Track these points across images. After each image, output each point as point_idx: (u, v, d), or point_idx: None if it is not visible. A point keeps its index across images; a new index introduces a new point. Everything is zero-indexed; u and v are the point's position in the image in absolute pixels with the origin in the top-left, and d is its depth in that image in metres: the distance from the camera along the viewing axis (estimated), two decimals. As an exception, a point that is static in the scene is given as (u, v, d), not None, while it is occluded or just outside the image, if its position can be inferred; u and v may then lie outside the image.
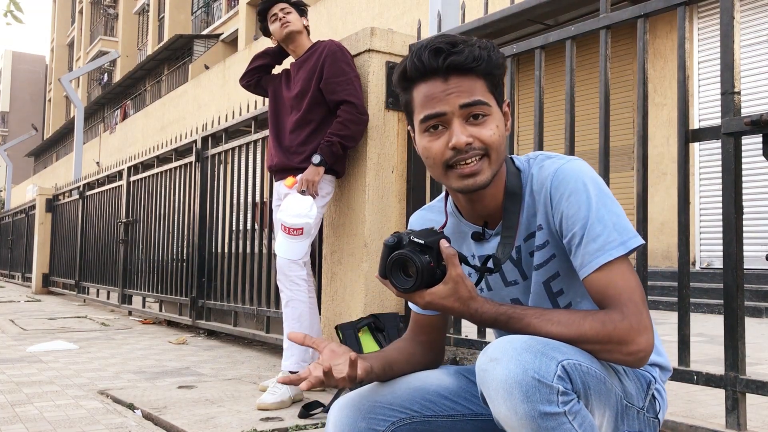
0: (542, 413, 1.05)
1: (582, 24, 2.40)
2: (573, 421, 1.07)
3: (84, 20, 41.80)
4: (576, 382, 1.10)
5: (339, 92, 2.88)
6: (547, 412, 1.05)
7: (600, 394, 1.15)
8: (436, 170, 1.26)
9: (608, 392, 1.18)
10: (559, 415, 1.06)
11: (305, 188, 2.81)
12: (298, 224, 2.77)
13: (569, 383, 1.08)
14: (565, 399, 1.07)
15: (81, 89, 40.35)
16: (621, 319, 1.14)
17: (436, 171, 1.26)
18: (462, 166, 1.22)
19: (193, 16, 29.18)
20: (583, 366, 1.12)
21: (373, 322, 2.71)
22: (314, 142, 2.91)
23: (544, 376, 1.05)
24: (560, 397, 1.06)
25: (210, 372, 3.55)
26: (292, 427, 2.39)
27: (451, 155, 1.22)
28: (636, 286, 1.18)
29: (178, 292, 5.49)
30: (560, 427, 1.06)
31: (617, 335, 1.14)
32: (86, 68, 15.73)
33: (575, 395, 1.09)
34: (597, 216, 1.19)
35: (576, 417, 1.08)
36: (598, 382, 1.14)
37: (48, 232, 10.48)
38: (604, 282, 1.18)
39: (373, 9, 13.28)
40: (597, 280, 1.18)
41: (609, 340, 1.14)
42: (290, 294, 2.89)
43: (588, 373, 1.13)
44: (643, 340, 1.14)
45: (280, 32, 3.03)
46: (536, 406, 1.04)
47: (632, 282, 1.18)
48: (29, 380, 3.32)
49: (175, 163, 5.70)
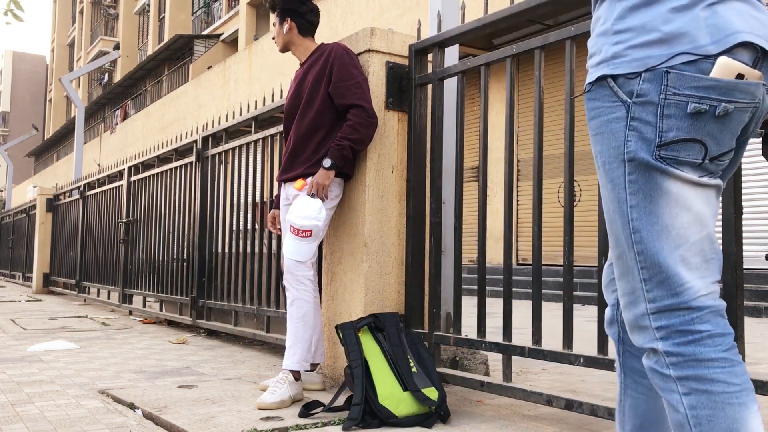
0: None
1: (582, 24, 2.40)
2: (685, 396, 1.13)
3: (84, 20, 41.81)
4: (668, 300, 1.16)
5: (348, 96, 2.88)
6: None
7: (645, 241, 1.17)
8: None
9: (639, 223, 1.17)
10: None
11: (315, 191, 2.82)
12: (306, 226, 2.79)
13: (667, 316, 1.16)
14: (671, 360, 1.15)
15: (81, 89, 40.37)
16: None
17: None
18: None
19: (194, 16, 29.19)
20: (645, 277, 1.17)
21: (373, 321, 2.71)
22: (325, 147, 2.92)
23: (651, 339, 1.19)
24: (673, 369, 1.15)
25: (210, 371, 3.56)
26: (293, 426, 2.40)
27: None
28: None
29: (178, 292, 5.50)
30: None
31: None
32: (87, 68, 15.72)
33: (685, 341, 1.14)
34: None
35: (690, 394, 1.13)
36: (642, 252, 1.17)
37: (48, 232, 10.49)
38: None
39: (373, 9, 13.28)
40: None
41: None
42: (296, 293, 2.90)
43: (647, 265, 1.17)
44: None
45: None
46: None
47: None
48: (30, 380, 3.32)
49: (175, 163, 5.70)
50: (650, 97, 1.14)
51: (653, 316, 1.17)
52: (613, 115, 1.18)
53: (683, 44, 1.13)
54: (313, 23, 3.11)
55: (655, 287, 1.16)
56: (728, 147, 1.17)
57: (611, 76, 1.18)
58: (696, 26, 1.13)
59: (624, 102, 1.17)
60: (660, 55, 1.14)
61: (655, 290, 1.16)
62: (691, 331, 1.13)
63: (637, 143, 1.16)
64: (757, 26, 1.16)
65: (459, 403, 2.77)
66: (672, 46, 1.14)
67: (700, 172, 1.16)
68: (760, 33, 1.16)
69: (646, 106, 1.15)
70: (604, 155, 1.21)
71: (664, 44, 1.14)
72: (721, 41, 1.12)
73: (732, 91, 1.12)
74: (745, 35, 1.13)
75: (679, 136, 1.14)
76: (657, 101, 1.14)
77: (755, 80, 1.13)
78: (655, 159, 1.15)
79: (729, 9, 1.15)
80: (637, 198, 1.17)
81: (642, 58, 1.15)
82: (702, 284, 1.16)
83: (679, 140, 1.14)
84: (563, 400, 2.32)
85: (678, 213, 1.15)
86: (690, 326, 1.14)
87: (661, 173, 1.15)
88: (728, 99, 1.12)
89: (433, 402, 2.46)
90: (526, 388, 2.49)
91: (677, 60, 1.13)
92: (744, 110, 1.15)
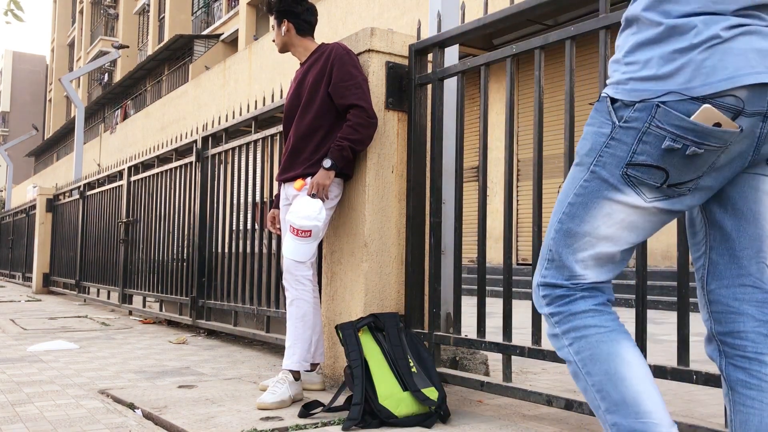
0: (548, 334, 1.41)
1: (582, 24, 2.40)
2: (570, 346, 1.36)
3: (84, 20, 41.82)
4: (552, 284, 1.38)
5: (348, 96, 2.88)
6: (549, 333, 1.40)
7: (571, 236, 1.35)
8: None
9: (572, 214, 1.35)
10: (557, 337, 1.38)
11: (315, 192, 2.82)
12: (306, 226, 2.79)
13: (552, 290, 1.38)
14: (561, 326, 1.37)
15: (81, 89, 40.37)
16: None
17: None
18: None
19: (194, 16, 29.20)
20: (549, 256, 1.38)
21: (373, 321, 2.71)
22: (325, 147, 2.91)
23: (539, 305, 1.41)
24: (559, 326, 1.38)
25: (210, 371, 3.56)
26: (292, 426, 2.40)
27: None
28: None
29: (178, 292, 5.50)
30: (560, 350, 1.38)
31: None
32: (87, 68, 15.71)
33: (566, 303, 1.36)
34: None
35: (573, 342, 1.35)
36: (561, 239, 1.36)
37: (48, 232, 10.49)
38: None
39: (373, 9, 13.28)
40: None
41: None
42: (295, 293, 2.90)
43: (555, 252, 1.37)
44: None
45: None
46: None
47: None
48: (30, 380, 3.32)
49: (175, 163, 5.70)
50: (635, 124, 1.26)
51: (541, 287, 1.40)
52: (600, 130, 1.31)
53: (677, 83, 1.22)
54: (310, 23, 3.10)
55: (552, 268, 1.38)
56: (689, 178, 1.28)
57: (611, 98, 1.30)
58: (692, 68, 1.21)
59: (613, 123, 1.29)
60: (655, 90, 1.24)
61: (551, 270, 1.39)
62: (568, 296, 1.37)
63: (607, 159, 1.30)
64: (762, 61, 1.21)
65: (459, 403, 2.77)
66: (667, 83, 1.23)
67: (655, 193, 1.30)
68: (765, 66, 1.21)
69: (629, 131, 1.27)
70: (579, 155, 1.36)
71: (661, 81, 1.23)
72: (712, 85, 1.20)
73: (706, 136, 1.22)
74: (742, 78, 1.19)
75: (648, 161, 1.27)
76: (640, 128, 1.26)
77: (731, 129, 1.22)
78: (621, 174, 1.29)
79: (732, 49, 1.21)
80: (578, 200, 1.34)
81: (639, 90, 1.26)
82: (591, 276, 1.36)
83: (646, 164, 1.27)
84: (563, 400, 2.32)
85: (599, 227, 1.33)
86: (568, 293, 1.37)
87: (612, 191, 1.30)
88: (700, 142, 1.23)
89: (433, 402, 2.46)
90: (526, 388, 2.49)
91: (669, 97, 1.22)
92: (714, 152, 1.25)
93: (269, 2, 3.10)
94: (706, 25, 1.21)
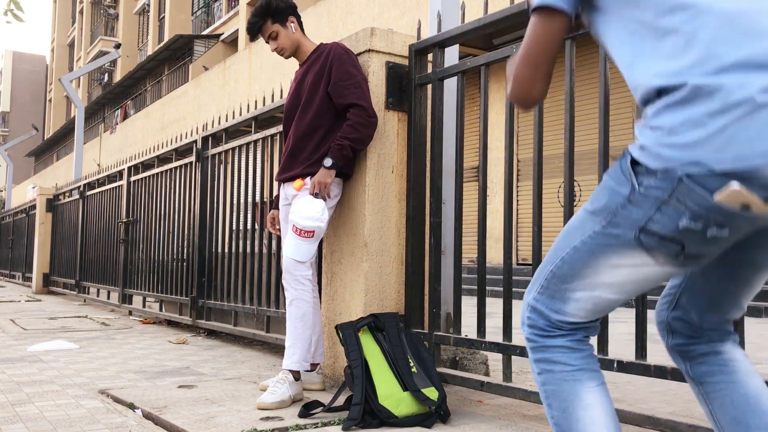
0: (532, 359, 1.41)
1: (582, 24, 2.40)
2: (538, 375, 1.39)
3: (84, 20, 41.82)
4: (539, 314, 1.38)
5: (347, 96, 2.88)
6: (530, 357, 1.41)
7: (566, 279, 1.34)
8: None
9: (574, 259, 1.32)
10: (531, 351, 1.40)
11: (317, 191, 2.82)
12: (310, 227, 2.79)
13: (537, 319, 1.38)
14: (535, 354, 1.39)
15: (81, 89, 40.37)
16: (510, 68, 1.37)
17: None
18: None
19: (194, 16, 29.20)
20: (542, 287, 1.37)
21: (373, 321, 2.71)
22: (325, 146, 2.91)
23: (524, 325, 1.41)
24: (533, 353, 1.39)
25: (210, 371, 3.56)
26: (292, 426, 2.40)
27: None
28: (526, 42, 1.33)
29: (178, 292, 5.50)
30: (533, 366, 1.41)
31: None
32: (87, 68, 15.71)
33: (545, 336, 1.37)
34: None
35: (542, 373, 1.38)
36: (558, 276, 1.34)
37: (48, 231, 10.49)
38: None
39: (373, 9, 13.28)
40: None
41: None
42: (295, 293, 2.90)
43: (547, 287, 1.36)
44: (509, 87, 1.36)
45: (282, 57, 3.09)
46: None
47: (527, 38, 1.34)
48: (30, 380, 3.32)
49: (175, 163, 5.70)
50: (655, 193, 1.17)
51: (530, 309, 1.40)
52: (619, 188, 1.24)
53: (704, 153, 1.10)
54: (301, 19, 3.12)
55: (546, 294, 1.37)
56: (708, 252, 1.21)
57: (635, 160, 1.21)
58: (722, 136, 1.09)
59: (633, 186, 1.21)
60: (680, 160, 1.13)
61: (544, 296, 1.38)
62: (547, 330, 1.38)
63: (622, 220, 1.24)
64: None
65: (459, 403, 2.77)
66: (693, 152, 1.11)
67: (669, 259, 1.23)
68: None
69: (648, 198, 1.19)
70: (594, 205, 1.30)
71: (687, 149, 1.12)
72: (745, 159, 1.08)
73: (732, 218, 1.12)
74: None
75: (664, 232, 1.19)
76: (660, 197, 1.17)
77: (762, 213, 1.10)
78: (634, 237, 1.22)
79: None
80: (585, 247, 1.30)
81: (663, 157, 1.15)
82: (580, 316, 1.35)
83: (661, 235, 1.19)
84: (563, 400, 2.32)
85: (602, 275, 1.30)
86: (549, 328, 1.38)
87: (622, 248, 1.25)
88: (724, 224, 1.13)
89: (433, 402, 2.46)
90: (526, 388, 2.49)
91: (695, 169, 1.11)
92: (739, 230, 1.15)
93: (267, 6, 3.01)
94: (739, 87, 1.09)
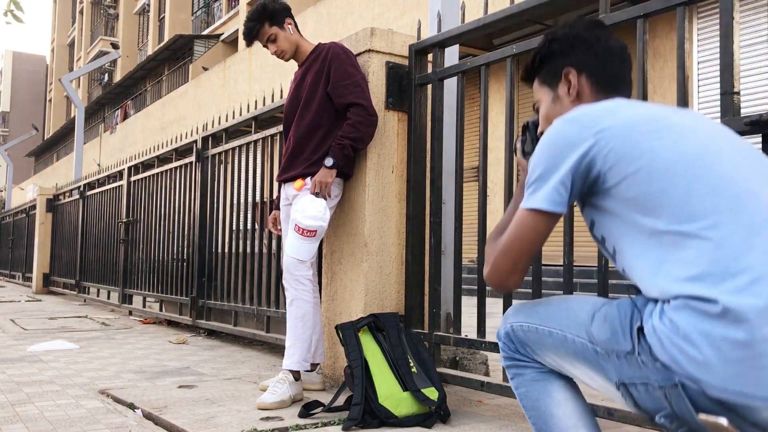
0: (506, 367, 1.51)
1: (582, 24, 2.40)
2: (511, 380, 1.49)
3: (84, 20, 41.81)
4: (515, 341, 1.46)
5: (347, 95, 2.88)
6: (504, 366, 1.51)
7: (545, 346, 1.40)
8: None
9: (560, 342, 1.36)
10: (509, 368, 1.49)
11: (318, 190, 2.82)
12: (312, 227, 2.79)
13: (510, 344, 1.48)
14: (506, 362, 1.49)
15: (81, 89, 40.37)
16: (490, 248, 1.43)
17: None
18: None
19: (194, 17, 29.19)
20: (524, 326, 1.44)
21: (373, 321, 2.71)
22: (325, 146, 2.91)
23: (499, 338, 1.51)
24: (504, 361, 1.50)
25: (210, 371, 3.56)
26: (292, 426, 2.40)
27: None
28: (511, 234, 1.36)
29: (178, 292, 5.50)
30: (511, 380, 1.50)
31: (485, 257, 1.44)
32: (87, 68, 15.73)
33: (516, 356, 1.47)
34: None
35: (514, 378, 1.48)
36: (540, 336, 1.40)
37: (48, 232, 10.49)
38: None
39: (373, 9, 13.28)
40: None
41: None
42: (295, 293, 2.90)
43: (528, 331, 1.43)
44: (486, 270, 1.41)
45: (282, 59, 3.07)
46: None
47: (513, 230, 1.37)
48: (30, 380, 3.32)
49: (175, 163, 5.70)
50: (649, 375, 1.18)
51: (510, 331, 1.48)
52: (622, 336, 1.24)
53: (710, 376, 1.09)
54: (296, 27, 3.12)
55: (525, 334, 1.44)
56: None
57: (643, 334, 1.20)
58: (734, 369, 1.08)
59: (634, 349, 1.21)
60: (683, 370, 1.12)
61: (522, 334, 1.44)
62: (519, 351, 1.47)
63: (611, 366, 1.26)
64: None
65: (459, 403, 2.77)
66: (699, 370, 1.10)
67: (634, 408, 1.27)
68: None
69: (641, 371, 1.20)
70: (592, 333, 1.30)
71: (694, 364, 1.11)
72: (746, 397, 1.07)
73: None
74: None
75: (640, 403, 1.23)
76: (650, 381, 1.18)
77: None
78: (617, 382, 1.26)
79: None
80: (575, 345, 1.34)
81: (670, 356, 1.14)
82: (547, 363, 1.44)
83: (637, 402, 1.24)
84: (563, 400, 2.32)
85: (574, 369, 1.39)
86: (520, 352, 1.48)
87: (604, 375, 1.29)
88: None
89: (433, 402, 2.46)
90: (526, 388, 2.48)
91: (692, 384, 1.11)
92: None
93: (263, 9, 2.99)
94: (763, 323, 1.07)
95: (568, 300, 1.42)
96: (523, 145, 1.68)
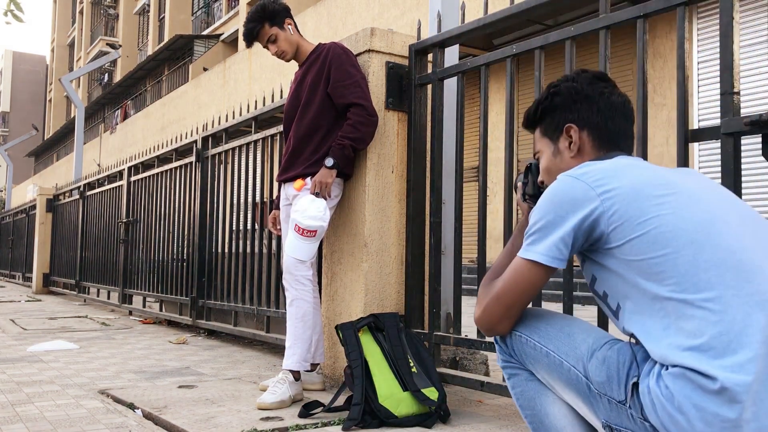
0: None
1: (582, 24, 2.40)
2: (507, 380, 1.53)
3: (84, 20, 41.81)
4: (511, 348, 1.48)
5: (347, 95, 2.88)
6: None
7: (540, 364, 1.42)
8: None
9: (556, 367, 1.38)
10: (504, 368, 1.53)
11: (318, 190, 2.82)
12: (312, 226, 2.79)
13: (507, 348, 1.49)
14: (502, 363, 1.53)
15: (81, 89, 40.37)
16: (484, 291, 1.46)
17: None
18: None
19: (194, 17, 29.19)
20: (524, 338, 1.44)
21: (373, 321, 2.71)
22: (325, 146, 2.91)
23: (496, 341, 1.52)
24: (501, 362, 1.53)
25: (210, 372, 3.56)
26: (292, 426, 2.40)
27: None
28: (506, 282, 1.39)
29: (178, 292, 5.50)
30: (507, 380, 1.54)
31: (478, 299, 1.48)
32: (87, 68, 15.72)
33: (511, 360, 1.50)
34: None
35: (510, 378, 1.52)
36: (537, 354, 1.42)
37: (48, 232, 10.49)
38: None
39: (373, 9, 13.28)
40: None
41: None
42: (295, 293, 2.90)
43: (526, 344, 1.44)
44: (478, 313, 1.45)
45: (283, 60, 3.06)
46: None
47: (508, 277, 1.39)
48: (30, 380, 3.32)
49: (175, 163, 5.70)
50: (637, 430, 1.23)
51: (502, 345, 1.51)
52: (617, 384, 1.26)
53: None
54: (296, 28, 3.11)
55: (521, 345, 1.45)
56: None
57: (637, 391, 1.24)
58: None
59: (626, 400, 1.25)
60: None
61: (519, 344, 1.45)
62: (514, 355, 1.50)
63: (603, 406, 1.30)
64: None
65: (459, 403, 2.77)
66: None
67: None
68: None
69: (630, 424, 1.25)
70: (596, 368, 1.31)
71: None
72: None
73: None
74: None
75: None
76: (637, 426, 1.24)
77: None
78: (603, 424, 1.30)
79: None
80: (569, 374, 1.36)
81: (660, 422, 1.19)
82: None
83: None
84: (563, 400, 2.32)
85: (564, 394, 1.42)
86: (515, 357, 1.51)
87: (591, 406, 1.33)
88: None
89: (433, 402, 2.46)
90: (526, 388, 2.49)
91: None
92: None
93: (263, 9, 2.99)
94: (757, 407, 1.11)
95: (571, 324, 1.42)
96: (525, 186, 1.69)
